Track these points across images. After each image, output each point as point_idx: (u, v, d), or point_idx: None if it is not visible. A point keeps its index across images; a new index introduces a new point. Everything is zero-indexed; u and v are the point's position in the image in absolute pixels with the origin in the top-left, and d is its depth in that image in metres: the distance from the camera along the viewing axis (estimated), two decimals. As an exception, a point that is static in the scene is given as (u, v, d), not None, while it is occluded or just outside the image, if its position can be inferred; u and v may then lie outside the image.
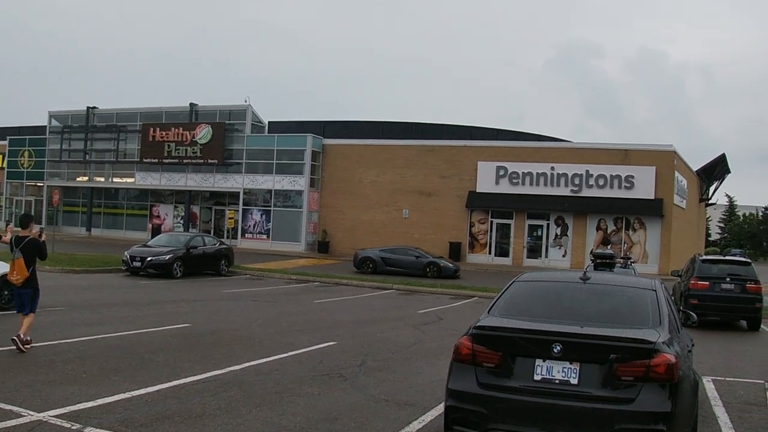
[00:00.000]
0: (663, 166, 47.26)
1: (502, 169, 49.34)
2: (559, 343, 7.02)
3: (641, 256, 47.02)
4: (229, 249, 35.74)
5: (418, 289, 30.91)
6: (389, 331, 18.19)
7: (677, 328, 8.46)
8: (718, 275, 22.96)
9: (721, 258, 26.07)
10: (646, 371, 6.80)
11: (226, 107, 56.49)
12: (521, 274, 9.39)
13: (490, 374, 7.21)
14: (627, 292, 8.47)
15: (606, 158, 47.85)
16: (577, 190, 47.93)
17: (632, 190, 47.04)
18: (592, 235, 48.32)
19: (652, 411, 6.73)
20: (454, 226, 50.49)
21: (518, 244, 49.66)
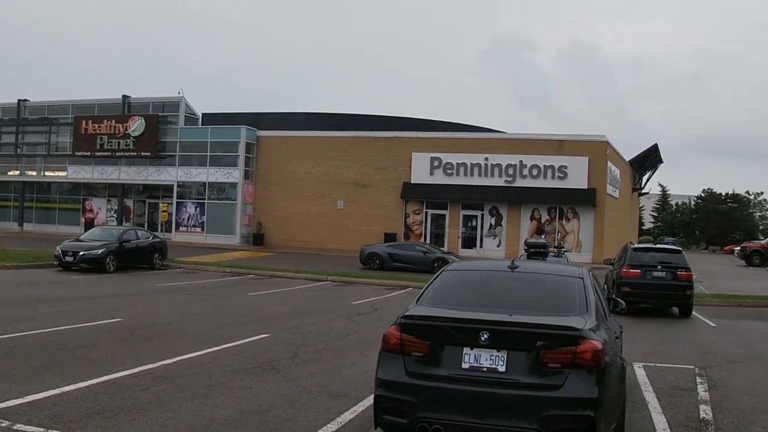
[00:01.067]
0: (596, 156, 47.90)
1: (436, 160, 49.60)
2: (486, 331, 7.09)
3: (575, 245, 47.63)
4: (163, 242, 35.47)
5: (353, 280, 30.97)
6: (323, 323, 18.25)
7: (605, 316, 8.59)
8: (649, 263, 23.31)
9: (652, 246, 26.56)
10: (573, 358, 6.91)
11: (160, 99, 56.03)
12: (450, 263, 9.49)
13: (418, 363, 7.26)
14: (554, 280, 8.60)
15: (540, 149, 48.38)
16: (511, 180, 48.39)
17: (565, 180, 47.62)
18: (526, 224, 48.84)
19: (579, 397, 6.84)
20: (389, 216, 50.66)
21: (453, 234, 50.01)
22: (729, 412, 10.42)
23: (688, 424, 9.69)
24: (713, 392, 11.74)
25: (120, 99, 56.61)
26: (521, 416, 6.87)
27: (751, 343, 17.90)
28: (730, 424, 9.81)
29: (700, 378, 12.89)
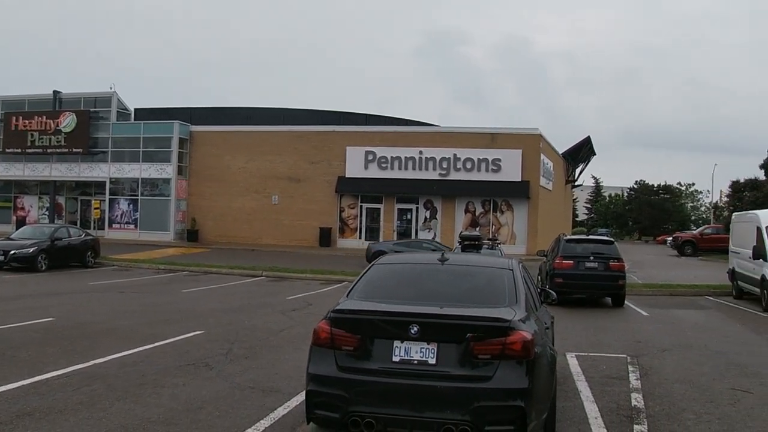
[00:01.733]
0: (529, 149, 48.33)
1: (371, 154, 49.64)
2: (416, 324, 7.09)
3: (509, 238, 48.01)
4: (96, 240, 35.08)
5: (288, 275, 30.85)
6: (257, 319, 18.17)
7: (535, 307, 8.67)
8: (582, 254, 23.56)
9: (584, 237, 26.89)
10: (503, 349, 6.95)
11: (91, 95, 55.26)
12: (381, 257, 9.49)
13: (349, 357, 7.25)
14: (484, 272, 8.66)
15: (473, 142, 48.66)
16: (445, 173, 48.59)
17: (499, 172, 47.96)
18: (460, 217, 49.12)
19: (510, 388, 6.89)
20: (324, 211, 50.61)
21: (388, 228, 50.11)
22: (660, 400, 10.56)
23: (619, 412, 9.80)
24: (645, 380, 11.89)
25: (51, 95, 55.66)
26: (452, 408, 6.90)
27: (682, 332, 18.17)
28: (662, 411, 9.94)
29: (632, 366, 13.05)
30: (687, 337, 17.13)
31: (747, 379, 12.26)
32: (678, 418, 9.63)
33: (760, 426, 9.34)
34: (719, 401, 10.58)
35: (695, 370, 12.97)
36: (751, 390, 11.37)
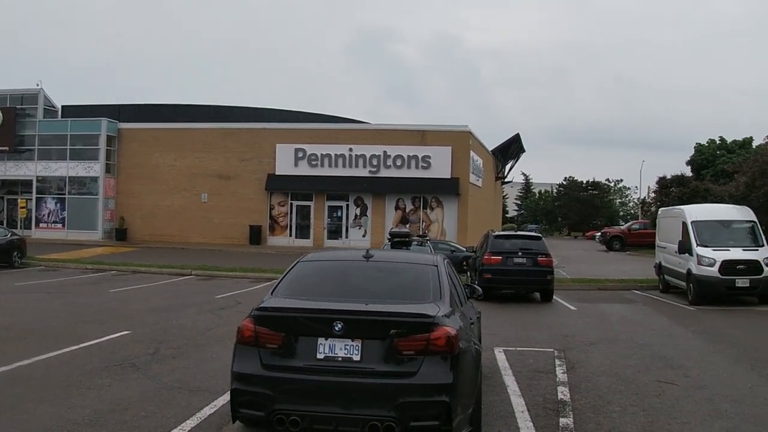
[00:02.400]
0: (459, 146, 48.51)
1: (301, 151, 49.42)
2: (340, 321, 7.10)
3: (439, 234, 48.12)
4: (22, 240, 34.41)
5: (217, 274, 30.63)
6: (185, 318, 18.02)
7: (459, 302, 8.72)
8: (510, 250, 23.75)
9: (513, 233, 27.14)
10: (427, 344, 6.98)
11: (17, 91, 54.13)
12: (305, 254, 9.47)
13: (273, 355, 7.23)
14: (409, 268, 8.70)
15: (403, 139, 48.69)
16: (375, 170, 48.57)
17: (429, 169, 48.05)
18: (391, 214, 49.12)
19: (434, 383, 6.92)
20: (254, 209, 50.27)
21: (318, 225, 49.94)
22: (586, 393, 10.70)
23: (545, 406, 9.91)
24: (571, 374, 12.05)
25: (-25, 91, 54.51)
26: (377, 404, 6.92)
27: (609, 325, 18.44)
28: (587, 404, 10.07)
29: (559, 360, 13.21)
30: (614, 331, 17.38)
31: (672, 371, 12.47)
32: (603, 410, 9.76)
33: (684, 417, 9.50)
34: (644, 393, 10.75)
35: (621, 363, 13.16)
36: (675, 382, 11.57)
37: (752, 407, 10.09)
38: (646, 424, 9.15)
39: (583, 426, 8.99)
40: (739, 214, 26.05)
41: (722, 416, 9.59)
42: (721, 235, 24.54)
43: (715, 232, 24.52)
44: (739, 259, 23.25)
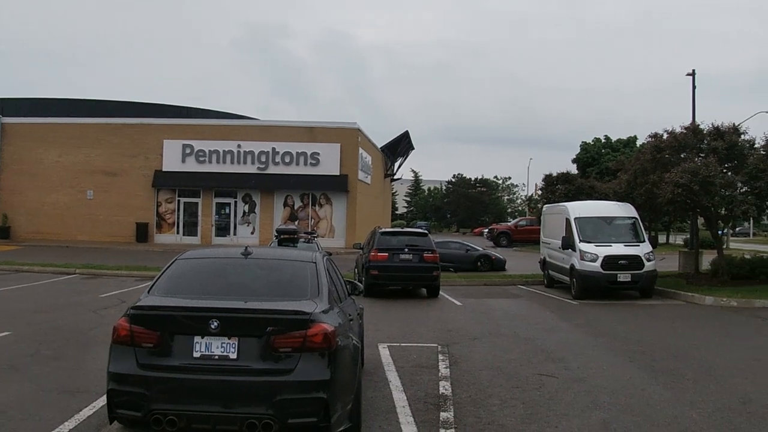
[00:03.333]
0: (347, 143, 48.60)
1: (188, 147, 48.82)
2: (216, 319, 7.07)
3: (328, 231, 48.21)
4: None
5: (102, 273, 30.06)
6: (68, 318, 17.64)
7: (339, 298, 8.77)
8: (397, 246, 23.88)
9: (399, 230, 27.30)
10: (304, 341, 7.00)
11: None
12: (184, 251, 9.37)
13: (150, 354, 7.14)
14: (287, 265, 8.68)
15: (292, 136, 48.58)
16: (263, 167, 48.30)
17: (318, 166, 48.04)
18: (279, 211, 48.92)
19: (311, 380, 6.96)
20: (141, 206, 49.43)
21: (206, 222, 49.42)
22: (468, 387, 10.83)
23: (427, 400, 10.00)
24: (454, 368, 12.18)
25: None
26: (254, 402, 6.92)
27: (493, 320, 18.70)
28: (468, 397, 10.20)
29: (442, 355, 13.33)
30: (497, 326, 17.65)
31: (553, 364, 12.73)
32: (484, 403, 9.89)
33: (563, 409, 9.70)
34: (525, 386, 10.94)
35: (503, 357, 13.36)
36: (555, 374, 11.82)
37: (629, 398, 10.35)
38: (525, 416, 9.31)
39: (463, 419, 9.10)
40: (621, 210, 26.71)
41: (600, 407, 9.82)
42: (603, 231, 25.16)
43: (597, 229, 25.13)
44: (621, 254, 23.86)
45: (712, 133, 27.37)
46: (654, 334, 16.90)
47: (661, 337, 16.51)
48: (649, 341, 15.74)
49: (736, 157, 26.93)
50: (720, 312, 21.42)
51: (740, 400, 10.34)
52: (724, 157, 26.75)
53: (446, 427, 8.78)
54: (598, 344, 15.24)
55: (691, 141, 27.60)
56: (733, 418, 9.41)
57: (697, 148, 27.69)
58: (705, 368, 12.72)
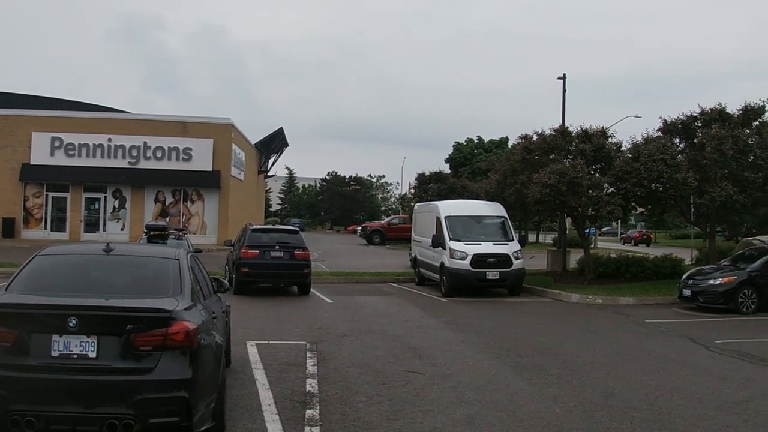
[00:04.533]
0: (220, 138, 48.15)
1: (57, 140, 47.50)
2: (75, 317, 6.85)
3: (200, 228, 47.74)
4: None
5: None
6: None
7: (202, 296, 8.64)
8: (268, 244, 23.71)
9: (270, 227, 27.20)
10: (164, 339, 6.87)
11: None
12: (43, 247, 9.09)
13: (7, 354, 6.85)
14: (150, 262, 8.50)
15: (165, 130, 47.84)
16: (134, 162, 47.43)
17: (190, 162, 47.44)
18: (150, 207, 48.17)
19: (172, 378, 6.82)
20: (7, 200, 47.83)
21: (75, 218, 48.22)
22: (335, 384, 10.80)
23: (293, 398, 9.93)
24: (322, 366, 12.14)
25: None
26: (114, 402, 6.75)
27: (364, 317, 18.75)
28: (335, 395, 10.16)
29: (310, 353, 13.28)
30: (367, 323, 17.69)
31: (420, 361, 12.80)
32: (350, 400, 9.87)
33: (428, 405, 9.75)
34: (391, 383, 10.96)
35: (371, 354, 13.38)
36: (422, 371, 11.88)
37: (494, 393, 10.49)
38: (390, 412, 9.32)
39: (328, 417, 9.06)
40: (491, 210, 27.14)
41: (465, 403, 9.91)
42: (473, 230, 25.52)
43: (467, 227, 25.49)
44: (490, 252, 24.23)
45: (581, 136, 28.09)
46: (520, 331, 17.21)
47: (527, 333, 16.82)
48: (515, 338, 16.02)
49: (603, 159, 27.67)
50: (586, 309, 21.97)
51: (602, 395, 10.58)
52: (592, 159, 27.47)
53: (311, 425, 8.72)
54: (466, 341, 15.42)
55: (559, 143, 28.25)
56: (594, 412, 9.60)
57: (565, 149, 28.36)
58: (569, 364, 13.00)
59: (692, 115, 27.93)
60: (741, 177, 25.69)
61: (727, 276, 22.16)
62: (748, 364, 13.56)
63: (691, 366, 13.16)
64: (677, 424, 9.17)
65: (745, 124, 27.49)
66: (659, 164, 25.27)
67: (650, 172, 25.39)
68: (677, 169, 25.58)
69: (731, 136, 25.46)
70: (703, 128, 27.58)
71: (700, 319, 20.28)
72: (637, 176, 25.58)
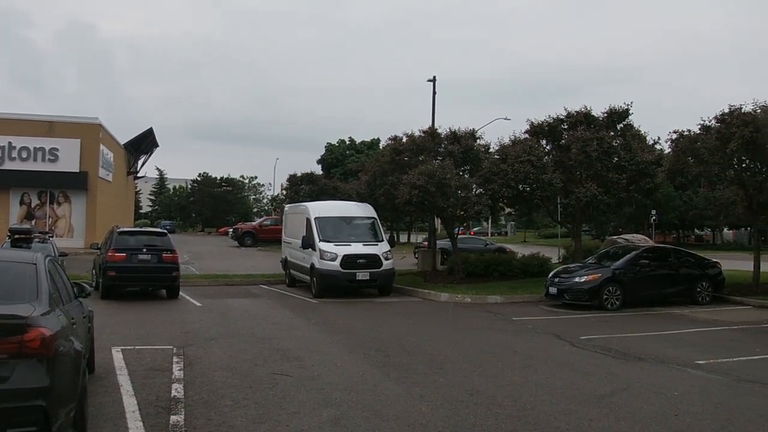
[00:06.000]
0: (88, 139, 47.22)
1: None
2: None
3: (67, 231, 46.72)
4: None
5: None
6: None
7: (62, 301, 8.41)
8: (135, 246, 23.29)
9: (138, 230, 26.75)
10: (20, 347, 6.62)
11: None
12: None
13: None
14: (5, 267, 8.21)
15: (30, 130, 46.59)
16: (-1, 162, 46.12)
17: (57, 162, 46.38)
18: (15, 209, 46.84)
19: (29, 387, 6.57)
20: None
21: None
22: (201, 388, 10.67)
23: (158, 404, 9.76)
24: (188, 370, 11.99)
25: None
26: None
27: (232, 320, 18.59)
28: (200, 399, 10.04)
29: (177, 357, 13.10)
30: (236, 326, 17.55)
31: (288, 363, 12.76)
32: (216, 405, 9.77)
33: (295, 407, 9.70)
34: (258, 386, 10.89)
35: (239, 357, 13.27)
36: (290, 373, 11.85)
37: (361, 394, 10.51)
38: (256, 416, 9.25)
39: (193, 422, 8.94)
40: (361, 211, 27.30)
41: (331, 404, 9.90)
42: (343, 230, 25.63)
43: (337, 228, 25.58)
44: (360, 253, 24.39)
45: (450, 137, 28.51)
46: (390, 331, 17.33)
47: (396, 333, 16.93)
48: (384, 338, 16.12)
49: (472, 160, 28.12)
50: (455, 308, 22.32)
51: (468, 392, 10.71)
52: (461, 161, 27.88)
53: (176, 431, 8.61)
54: (335, 342, 15.44)
55: (429, 144, 28.58)
56: (459, 410, 9.71)
57: (434, 151, 28.71)
58: (436, 362, 13.12)
59: (559, 117, 28.65)
60: (605, 178, 26.44)
61: (592, 274, 22.80)
62: (612, 358, 13.93)
63: (556, 362, 13.46)
64: (540, 419, 9.34)
65: (610, 126, 28.34)
66: (526, 165, 25.86)
67: (517, 173, 25.97)
68: (543, 170, 26.24)
69: (596, 138, 26.21)
70: (569, 130, 28.31)
71: (566, 316, 20.77)
72: (505, 177, 26.12)
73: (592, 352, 14.60)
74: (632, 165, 26.46)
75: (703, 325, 19.29)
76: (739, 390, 11.36)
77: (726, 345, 16.07)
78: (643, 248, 25.38)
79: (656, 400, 10.52)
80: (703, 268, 24.84)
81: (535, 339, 16.58)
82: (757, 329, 18.90)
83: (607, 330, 18.07)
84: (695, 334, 17.81)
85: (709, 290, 24.15)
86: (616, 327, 18.74)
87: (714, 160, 24.14)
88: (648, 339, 16.71)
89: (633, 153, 26.59)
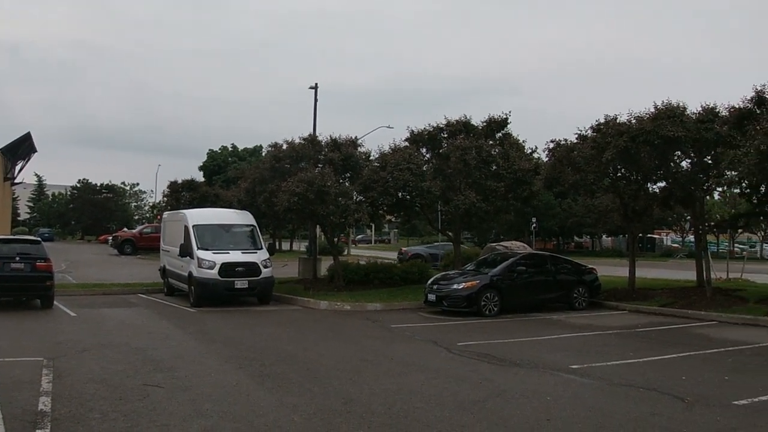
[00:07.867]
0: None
1: None
2: None
3: (-63, 239, 45.23)
4: None
5: None
6: None
7: None
8: (7, 255, 22.63)
9: (10, 237, 26.10)
10: None
11: None
12: None
13: None
14: None
15: None
16: None
17: None
18: None
19: None
20: None
21: None
22: (69, 401, 10.43)
23: (23, 418, 9.50)
24: (57, 382, 11.71)
25: None
26: None
27: (107, 331, 18.28)
28: (68, 413, 9.81)
29: (47, 369, 12.78)
30: (110, 336, 17.26)
31: (161, 374, 12.61)
32: (84, 418, 9.57)
33: (165, 419, 9.58)
34: (129, 398, 10.71)
35: (111, 369, 13.04)
36: (162, 384, 11.70)
37: (233, 405, 10.43)
38: (125, 429, 9.10)
39: (58, 437, 8.77)
40: (240, 218, 27.22)
41: (203, 415, 9.80)
42: (221, 238, 25.51)
43: (215, 236, 25.46)
44: (238, 261, 24.30)
45: (330, 145, 28.54)
46: (267, 340, 17.32)
47: (273, 342, 16.94)
48: (261, 347, 16.08)
49: (352, 167, 28.17)
50: (334, 315, 22.39)
51: (342, 401, 10.73)
52: (341, 168, 27.92)
53: (40, 445, 8.44)
54: (210, 351, 15.34)
55: (309, 151, 28.58)
56: (332, 419, 9.71)
57: (315, 158, 28.67)
58: (312, 371, 13.12)
59: (438, 126, 29.02)
60: (484, 186, 26.85)
61: (470, 280, 23.09)
62: (487, 364, 14.13)
63: (432, 369, 13.58)
64: (413, 427, 9.41)
65: (489, 135, 28.84)
66: (405, 173, 26.07)
67: (397, 181, 26.18)
68: (422, 178, 26.52)
69: (475, 146, 26.59)
70: (449, 139, 28.68)
71: (444, 323, 21.01)
72: (384, 185, 26.30)
73: (468, 359, 14.77)
74: (510, 173, 26.96)
75: (578, 330, 19.72)
76: (612, 394, 11.62)
77: (600, 350, 16.43)
78: (520, 255, 25.80)
79: (529, 405, 10.70)
80: (579, 274, 25.47)
81: (412, 346, 16.76)
82: (630, 333, 19.35)
83: (484, 336, 18.32)
84: (571, 339, 18.24)
85: (586, 296, 24.81)
86: (494, 333, 19.00)
87: (590, 168, 24.77)
88: (524, 344, 17.02)
89: (511, 161, 27.10)
